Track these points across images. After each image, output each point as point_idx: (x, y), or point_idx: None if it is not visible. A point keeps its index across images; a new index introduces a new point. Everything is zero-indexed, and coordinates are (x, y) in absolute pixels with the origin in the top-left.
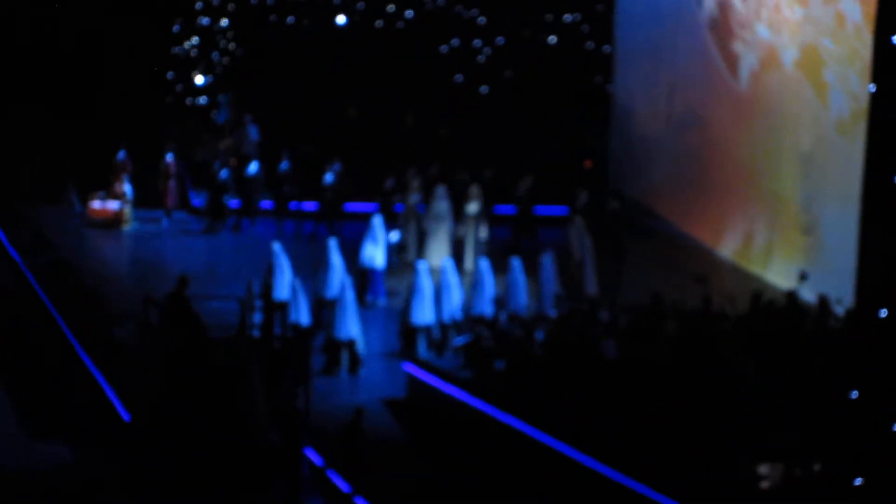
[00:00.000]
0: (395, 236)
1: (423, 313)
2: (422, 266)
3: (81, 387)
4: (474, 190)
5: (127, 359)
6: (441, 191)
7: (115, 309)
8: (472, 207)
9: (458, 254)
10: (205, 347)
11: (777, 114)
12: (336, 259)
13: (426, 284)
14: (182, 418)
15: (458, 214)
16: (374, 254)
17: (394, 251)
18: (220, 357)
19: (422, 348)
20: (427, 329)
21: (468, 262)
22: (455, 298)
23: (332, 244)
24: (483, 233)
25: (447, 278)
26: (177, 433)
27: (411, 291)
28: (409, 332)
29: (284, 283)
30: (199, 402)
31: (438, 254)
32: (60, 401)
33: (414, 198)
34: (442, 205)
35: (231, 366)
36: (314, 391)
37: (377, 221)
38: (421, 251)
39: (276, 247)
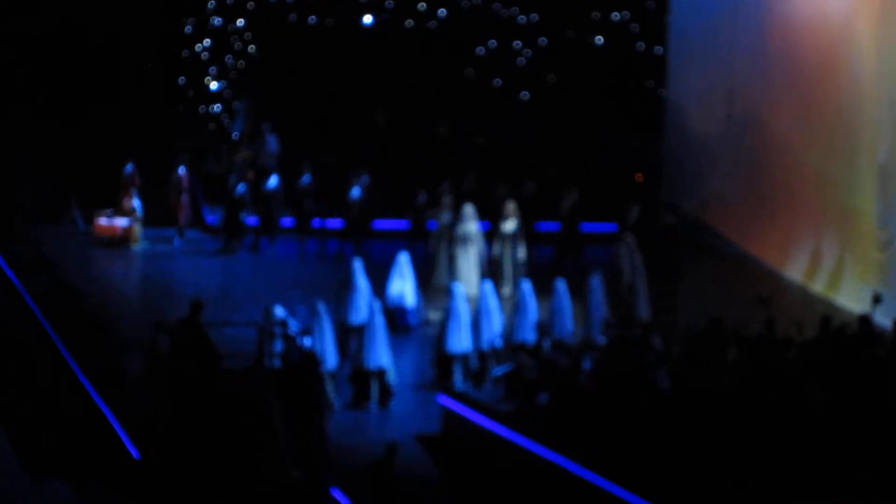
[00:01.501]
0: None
1: (460, 340)
2: (458, 289)
3: (86, 421)
4: (510, 207)
5: (135, 390)
6: (469, 210)
7: (123, 336)
8: (509, 226)
9: (493, 278)
10: (220, 378)
11: (850, 119)
12: (362, 282)
13: (463, 309)
14: (195, 455)
15: (494, 233)
16: (403, 288)
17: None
18: (236, 388)
19: (458, 379)
20: (464, 358)
21: (505, 287)
22: (495, 324)
23: (358, 265)
24: (521, 253)
25: (486, 302)
26: (190, 471)
27: (447, 317)
28: (444, 361)
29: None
30: (213, 437)
31: (468, 279)
32: (63, 436)
33: (445, 216)
34: (469, 226)
35: (249, 398)
36: (340, 426)
37: (404, 259)
38: (451, 276)
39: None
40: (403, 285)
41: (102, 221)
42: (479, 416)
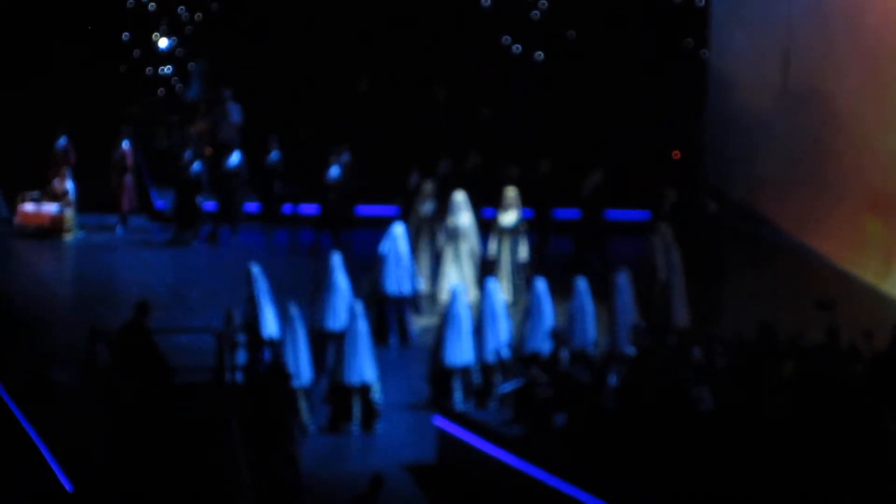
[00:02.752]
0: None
1: (461, 351)
2: (458, 290)
3: (7, 446)
4: (511, 195)
5: (67, 409)
6: (460, 199)
7: (52, 344)
8: (508, 218)
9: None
10: (171, 395)
11: None
12: (342, 280)
13: (464, 314)
14: (139, 489)
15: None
16: (402, 277)
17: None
18: (190, 408)
19: (458, 397)
20: (465, 371)
21: (503, 293)
22: (501, 331)
23: (337, 260)
24: (523, 252)
25: (491, 305)
26: None
27: (444, 323)
28: (441, 376)
29: (271, 315)
30: (162, 467)
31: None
32: None
33: (426, 206)
34: (461, 218)
35: (205, 420)
36: (315, 452)
37: (399, 231)
38: (435, 280)
39: (256, 270)
40: (403, 273)
41: (28, 207)
42: (482, 441)
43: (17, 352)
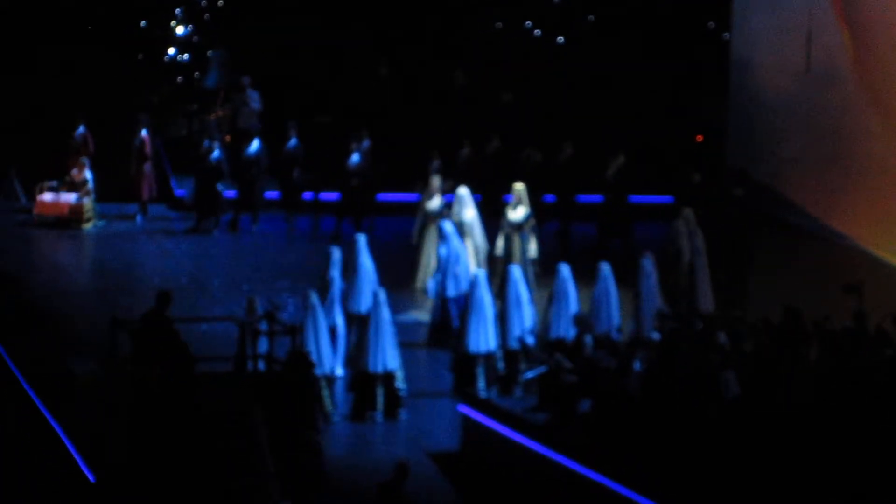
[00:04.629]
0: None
1: (485, 338)
2: (481, 277)
3: (30, 437)
4: (519, 189)
5: (89, 400)
6: (463, 193)
7: (74, 335)
8: (517, 214)
9: (493, 279)
10: (193, 385)
11: None
12: (367, 262)
13: (486, 300)
14: (162, 480)
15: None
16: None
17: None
18: (212, 398)
19: (481, 384)
20: (488, 358)
21: None
22: (525, 317)
23: (362, 241)
24: (532, 250)
25: (516, 291)
26: (155, 499)
27: (468, 309)
28: (464, 363)
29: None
30: (184, 457)
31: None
32: (2, 456)
33: (434, 203)
34: (465, 213)
35: (228, 409)
36: (339, 441)
37: (448, 228)
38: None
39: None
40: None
41: (47, 197)
42: (506, 428)
43: (38, 342)
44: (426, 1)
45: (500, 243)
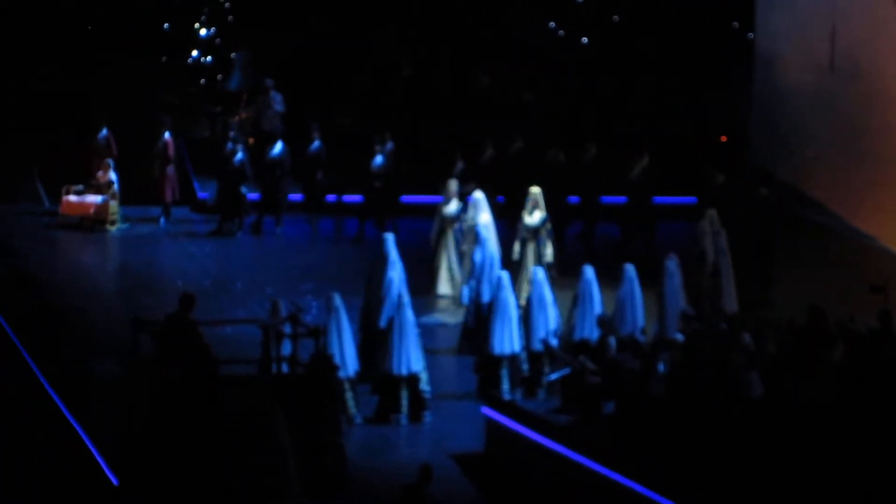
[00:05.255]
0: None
1: (511, 339)
2: (505, 278)
3: (52, 439)
4: (535, 194)
5: (112, 402)
6: (479, 198)
7: (97, 336)
8: (533, 219)
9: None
10: (215, 387)
11: None
12: (396, 258)
13: (511, 301)
14: (185, 482)
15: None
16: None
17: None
18: (235, 400)
19: (505, 386)
20: (512, 360)
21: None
22: (550, 319)
23: (391, 239)
24: (548, 255)
25: (540, 292)
26: (178, 500)
27: (492, 311)
28: (489, 365)
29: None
30: (207, 459)
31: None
32: (25, 457)
33: (451, 208)
34: (481, 218)
35: (251, 411)
36: (363, 443)
37: (485, 233)
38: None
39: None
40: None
41: (71, 199)
42: (529, 430)
43: (61, 344)
44: (449, 2)
45: (516, 247)
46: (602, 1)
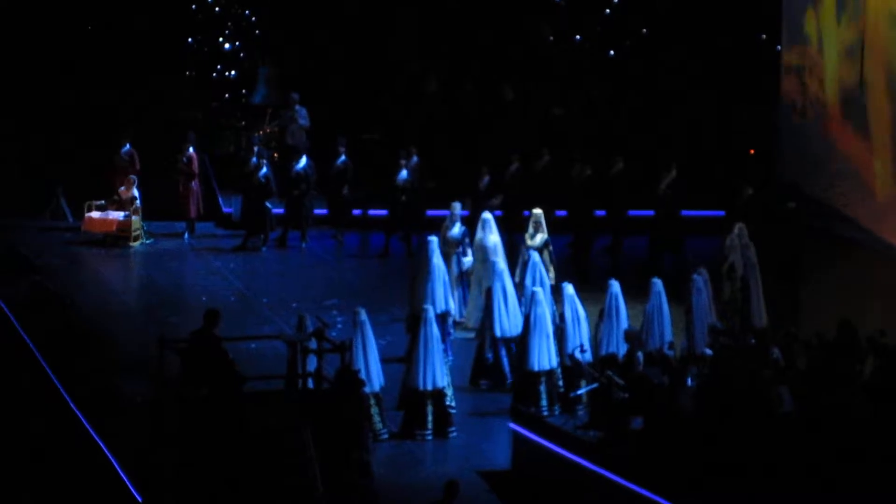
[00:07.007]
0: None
1: (547, 354)
2: (539, 294)
3: (76, 458)
4: (538, 216)
5: (137, 420)
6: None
7: (122, 353)
8: (535, 240)
9: None
10: (242, 405)
11: None
12: (440, 262)
13: (546, 316)
14: (211, 498)
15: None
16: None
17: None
18: (262, 417)
19: (544, 402)
20: (550, 375)
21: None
22: (583, 333)
23: (434, 245)
24: (551, 276)
25: (573, 307)
26: None
27: (528, 327)
28: (527, 381)
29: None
30: (234, 478)
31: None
32: (50, 475)
33: (455, 230)
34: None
35: (277, 428)
36: (389, 459)
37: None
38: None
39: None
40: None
41: (94, 215)
42: (557, 446)
43: (86, 362)
44: (475, 16)
45: (519, 269)
46: (630, 14)
